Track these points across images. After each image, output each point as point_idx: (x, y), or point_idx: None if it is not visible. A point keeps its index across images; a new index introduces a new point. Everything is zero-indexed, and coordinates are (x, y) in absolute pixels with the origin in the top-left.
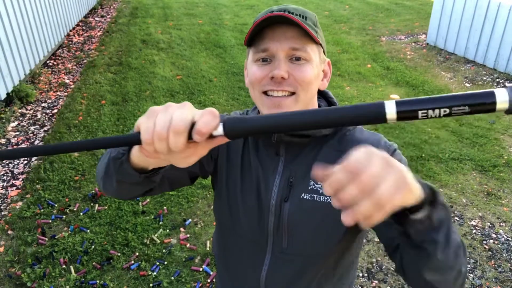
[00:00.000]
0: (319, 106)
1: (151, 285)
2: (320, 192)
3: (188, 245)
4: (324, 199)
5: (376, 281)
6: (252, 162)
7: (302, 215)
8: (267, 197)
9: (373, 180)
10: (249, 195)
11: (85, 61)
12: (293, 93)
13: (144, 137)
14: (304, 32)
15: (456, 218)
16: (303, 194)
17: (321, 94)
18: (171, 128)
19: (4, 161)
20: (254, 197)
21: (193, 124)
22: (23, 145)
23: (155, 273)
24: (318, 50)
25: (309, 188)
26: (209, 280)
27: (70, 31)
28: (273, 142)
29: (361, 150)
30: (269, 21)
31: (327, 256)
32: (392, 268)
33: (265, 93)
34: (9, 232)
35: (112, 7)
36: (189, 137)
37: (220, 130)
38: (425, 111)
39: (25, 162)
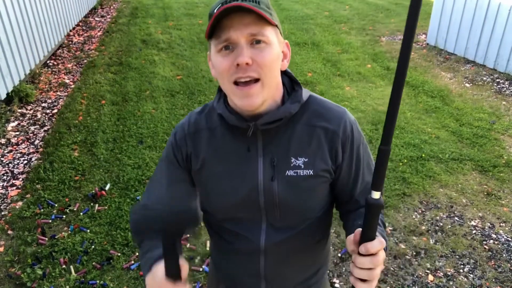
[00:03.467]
0: (283, 83)
1: None
2: (302, 167)
3: (188, 245)
4: (307, 172)
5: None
6: (228, 150)
7: (290, 191)
8: (254, 180)
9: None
10: (238, 179)
11: (85, 61)
12: (258, 80)
13: None
14: (260, 16)
15: (456, 218)
16: (287, 171)
17: (284, 73)
18: None
19: (4, 161)
20: (241, 181)
21: None
22: (23, 145)
23: None
24: (275, 32)
25: (292, 165)
26: None
27: (70, 31)
28: (248, 136)
29: (377, 245)
30: (226, 12)
31: (318, 220)
32: (392, 268)
33: (235, 83)
34: (9, 232)
35: (112, 7)
36: None
37: None
38: None
39: (25, 162)
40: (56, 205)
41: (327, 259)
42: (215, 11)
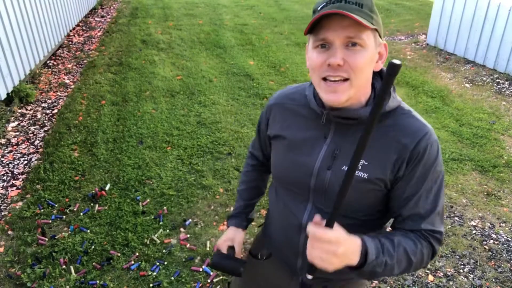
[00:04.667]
0: (373, 86)
1: (151, 285)
2: (359, 168)
3: (188, 245)
4: (362, 174)
5: (376, 281)
6: (306, 130)
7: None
8: (312, 162)
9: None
10: (298, 157)
11: (85, 61)
12: (347, 79)
13: None
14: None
15: (456, 218)
16: (344, 167)
17: (380, 75)
18: None
19: (4, 161)
20: (302, 159)
21: None
22: (23, 145)
23: (155, 273)
24: (373, 35)
25: None
26: (209, 280)
27: (70, 31)
28: (322, 123)
29: (332, 234)
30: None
31: (363, 223)
32: None
33: (323, 79)
34: (9, 232)
35: (112, 7)
36: None
37: None
38: None
39: (25, 162)
40: (56, 205)
41: None
42: (318, 8)
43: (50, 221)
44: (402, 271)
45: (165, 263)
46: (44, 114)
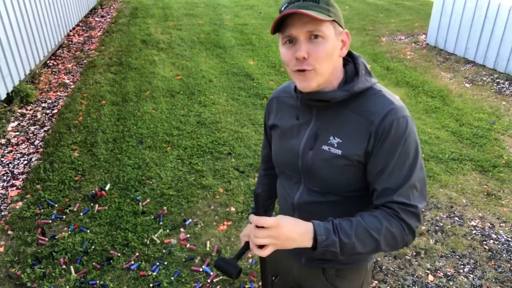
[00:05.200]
0: (345, 71)
1: (151, 285)
2: (335, 145)
3: (188, 245)
4: (336, 151)
5: (376, 281)
6: (294, 118)
7: (320, 163)
8: (297, 145)
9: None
10: (288, 142)
11: (85, 61)
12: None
13: None
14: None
15: (456, 218)
16: (323, 146)
17: (354, 62)
18: None
19: (4, 161)
20: (290, 143)
21: None
22: (23, 145)
23: (155, 273)
24: (332, 26)
25: (328, 142)
26: (209, 280)
27: (70, 31)
28: (297, 105)
29: (273, 222)
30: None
31: (349, 200)
32: (392, 268)
33: (295, 71)
34: (9, 232)
35: (112, 7)
36: None
37: None
38: None
39: (25, 162)
40: (56, 205)
41: None
42: (282, 9)
43: (50, 221)
44: (371, 250)
45: (165, 263)
46: (44, 114)
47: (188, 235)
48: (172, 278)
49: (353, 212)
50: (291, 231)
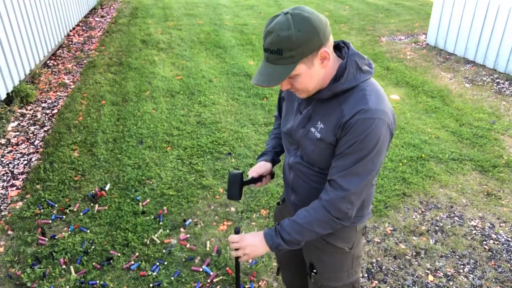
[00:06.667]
0: (338, 67)
1: (151, 285)
2: (318, 129)
3: (188, 245)
4: (317, 134)
5: (376, 281)
6: (293, 101)
7: (306, 140)
8: (294, 122)
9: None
10: (290, 116)
11: (85, 61)
12: (301, 89)
13: None
14: None
15: (456, 218)
16: (311, 128)
17: (347, 60)
18: None
19: (4, 161)
20: (289, 118)
21: None
22: (23, 145)
23: (155, 273)
24: (303, 63)
25: (316, 125)
26: (209, 280)
27: (70, 31)
28: (298, 101)
29: (236, 239)
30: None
31: (326, 174)
32: (392, 268)
33: None
34: (9, 232)
35: (112, 7)
36: None
37: None
38: None
39: (25, 162)
40: (56, 205)
41: None
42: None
43: (50, 221)
44: (313, 236)
45: (165, 263)
46: (44, 114)
47: (188, 235)
48: (172, 278)
49: None
50: (253, 241)
